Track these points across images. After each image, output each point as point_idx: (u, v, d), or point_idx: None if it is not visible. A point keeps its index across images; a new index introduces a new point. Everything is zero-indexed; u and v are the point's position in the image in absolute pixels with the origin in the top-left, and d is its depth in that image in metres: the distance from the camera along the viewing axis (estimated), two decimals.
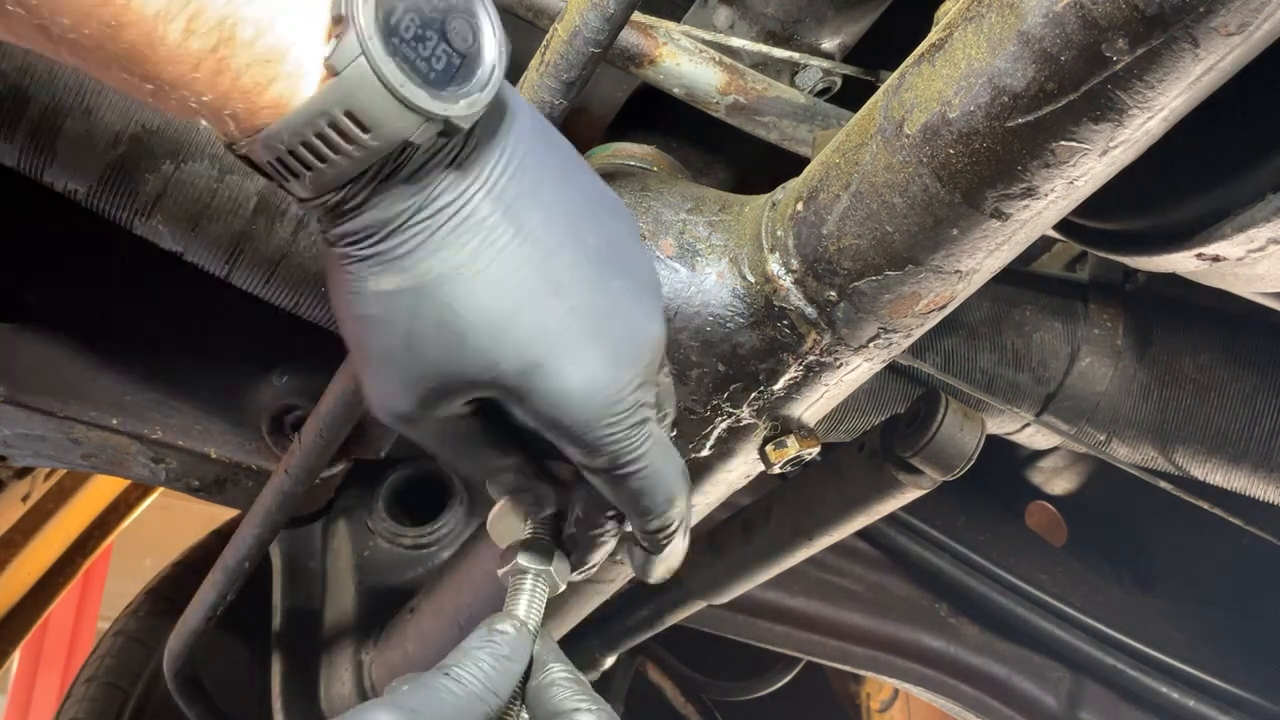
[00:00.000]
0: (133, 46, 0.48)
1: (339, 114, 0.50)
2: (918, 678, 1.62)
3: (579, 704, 0.58)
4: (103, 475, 2.05)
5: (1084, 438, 1.33)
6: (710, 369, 0.74)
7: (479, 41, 0.53)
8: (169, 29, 0.48)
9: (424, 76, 0.50)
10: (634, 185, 0.80)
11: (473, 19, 0.53)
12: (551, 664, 0.61)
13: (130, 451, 1.28)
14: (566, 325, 0.57)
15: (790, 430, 0.77)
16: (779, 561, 1.09)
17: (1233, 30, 0.50)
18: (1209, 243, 0.77)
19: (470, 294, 0.55)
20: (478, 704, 0.56)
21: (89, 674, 1.77)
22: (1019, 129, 0.56)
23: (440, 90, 0.51)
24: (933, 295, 0.67)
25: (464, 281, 0.55)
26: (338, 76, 0.49)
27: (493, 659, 0.58)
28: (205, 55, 0.49)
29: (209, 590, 1.13)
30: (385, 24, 0.49)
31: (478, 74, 0.53)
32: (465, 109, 0.52)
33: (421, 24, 0.51)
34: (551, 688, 0.59)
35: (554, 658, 0.62)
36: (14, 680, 4.52)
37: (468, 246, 0.55)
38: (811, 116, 0.90)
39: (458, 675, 0.56)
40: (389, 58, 0.49)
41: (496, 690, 0.57)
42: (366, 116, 0.50)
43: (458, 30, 0.52)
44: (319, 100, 0.50)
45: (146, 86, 0.50)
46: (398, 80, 0.49)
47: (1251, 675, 1.57)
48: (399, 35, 0.50)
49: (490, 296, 0.55)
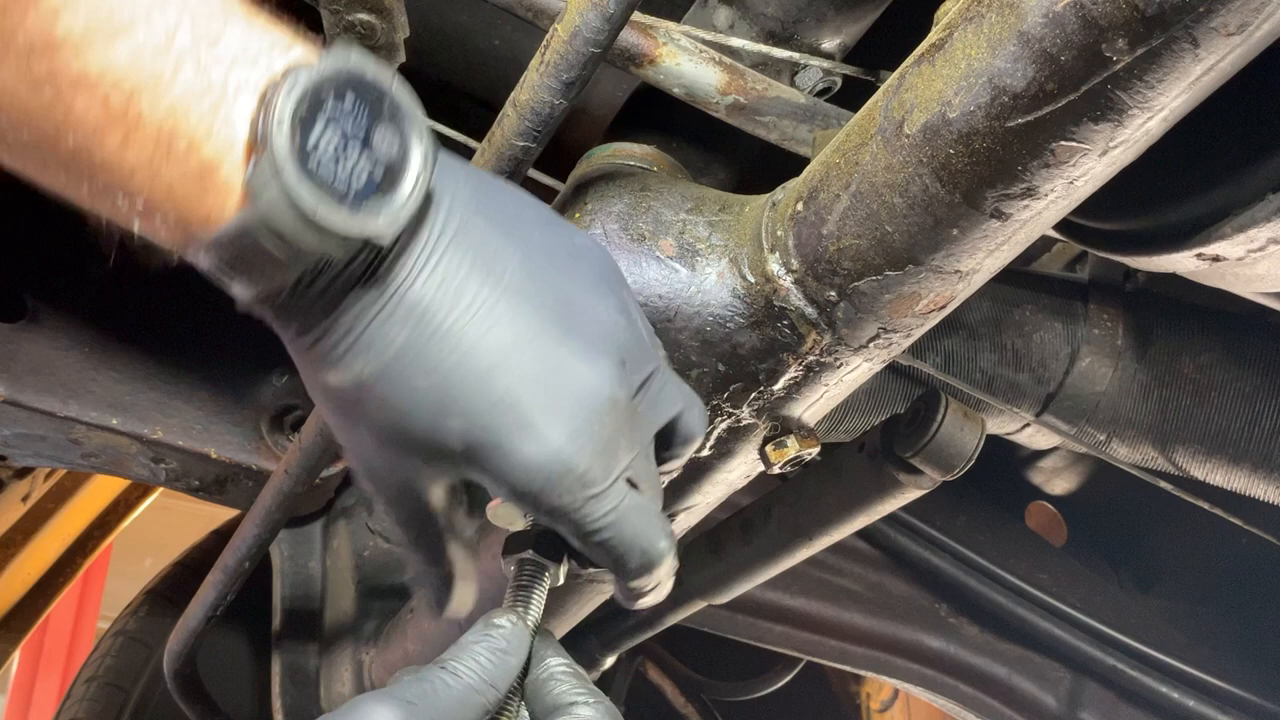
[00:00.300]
0: (73, 153, 0.50)
1: (258, 234, 0.51)
2: (918, 678, 1.62)
3: (577, 697, 0.58)
4: (103, 475, 2.05)
5: (1084, 438, 1.33)
6: (710, 369, 0.74)
7: (406, 148, 0.54)
8: (108, 138, 0.49)
9: (342, 195, 0.51)
10: (634, 185, 0.80)
11: (400, 125, 0.54)
12: (550, 658, 0.61)
13: (130, 451, 1.28)
14: (511, 401, 0.57)
15: (790, 430, 0.77)
16: (779, 561, 1.09)
17: (1233, 30, 0.50)
18: (1209, 243, 0.77)
19: (407, 387, 0.56)
20: (474, 696, 0.56)
21: (89, 674, 1.77)
22: (1019, 129, 0.56)
23: (360, 207, 0.52)
24: (933, 295, 0.67)
25: (399, 375, 0.56)
26: (255, 199, 0.51)
27: (490, 652, 0.58)
28: (142, 166, 0.50)
29: (209, 590, 1.13)
30: (302, 147, 0.50)
31: (401, 185, 0.53)
32: (386, 224, 0.53)
33: (343, 140, 0.52)
34: (550, 681, 0.60)
35: (553, 651, 0.62)
36: (14, 680, 4.52)
37: (397, 341, 0.56)
38: (811, 116, 0.90)
39: (454, 669, 0.56)
40: (303, 181, 0.50)
41: (494, 683, 0.57)
42: (284, 237, 0.51)
43: (383, 142, 0.53)
44: (240, 220, 0.51)
45: (84, 189, 0.52)
46: (311, 205, 0.50)
47: (1251, 675, 1.57)
48: (317, 154, 0.51)
49: (427, 384, 0.56)
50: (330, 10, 0.90)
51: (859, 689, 2.52)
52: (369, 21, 0.91)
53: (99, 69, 0.48)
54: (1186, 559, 1.72)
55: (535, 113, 0.69)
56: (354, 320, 0.56)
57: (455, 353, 0.56)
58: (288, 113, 0.50)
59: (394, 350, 0.56)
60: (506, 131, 0.71)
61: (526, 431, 0.57)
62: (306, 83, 0.51)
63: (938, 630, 1.62)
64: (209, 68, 0.50)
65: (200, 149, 0.50)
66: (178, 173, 0.51)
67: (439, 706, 0.54)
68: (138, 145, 0.50)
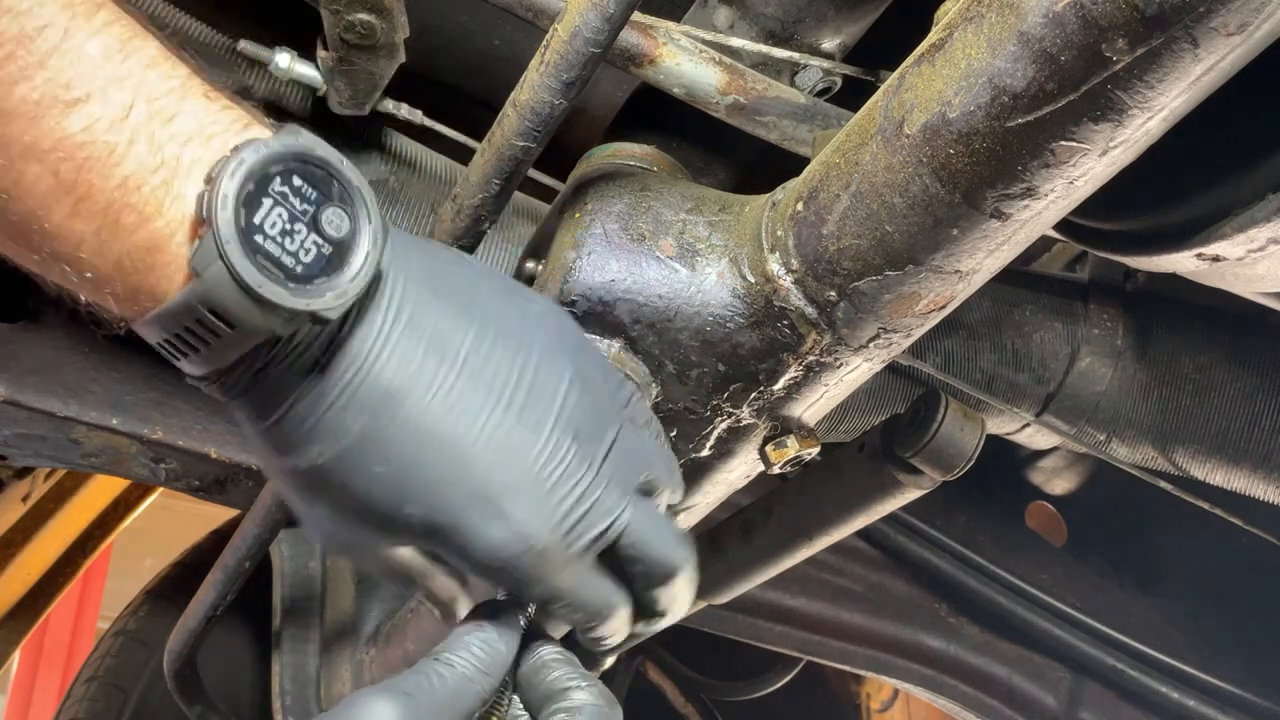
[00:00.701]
0: (21, 220, 0.50)
1: (203, 311, 0.51)
2: (918, 678, 1.62)
3: (570, 683, 0.59)
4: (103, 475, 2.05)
5: (1084, 438, 1.33)
6: (710, 369, 0.74)
7: (355, 227, 0.54)
8: (56, 209, 0.50)
9: (289, 272, 0.52)
10: (634, 185, 0.80)
11: (349, 208, 0.54)
12: (541, 646, 0.62)
13: (130, 451, 1.28)
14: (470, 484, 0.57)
15: (790, 430, 0.77)
16: (779, 561, 1.09)
17: (1233, 30, 0.50)
18: (1209, 243, 0.77)
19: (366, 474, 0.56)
20: (470, 685, 0.57)
21: (89, 674, 1.76)
22: (1019, 129, 0.56)
23: (307, 284, 0.52)
24: (933, 295, 0.67)
25: (357, 462, 0.56)
26: (199, 277, 0.51)
27: (481, 642, 0.59)
28: (89, 237, 0.50)
29: (209, 590, 1.13)
30: (248, 226, 0.51)
31: (350, 263, 0.54)
32: (333, 301, 0.53)
33: (290, 219, 0.52)
34: (542, 669, 0.61)
35: (543, 640, 0.63)
36: (14, 680, 4.52)
37: (354, 429, 0.56)
38: (811, 116, 0.90)
39: (448, 659, 0.57)
40: (246, 260, 0.50)
41: (488, 671, 0.58)
42: (229, 314, 0.51)
43: (331, 220, 0.53)
44: (184, 297, 0.51)
45: (33, 257, 0.52)
46: (255, 281, 0.50)
47: (1251, 675, 1.57)
48: (264, 232, 0.51)
49: (386, 471, 0.56)
50: (330, 10, 0.90)
51: (859, 689, 2.52)
52: (369, 21, 0.91)
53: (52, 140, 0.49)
54: (1186, 559, 1.72)
55: (535, 113, 0.69)
56: (310, 406, 0.56)
57: (413, 439, 0.56)
58: (232, 190, 0.50)
59: (352, 438, 0.56)
60: (506, 131, 0.71)
61: (486, 513, 0.58)
62: (253, 161, 0.51)
63: (938, 630, 1.62)
64: (163, 144, 0.51)
65: (149, 224, 0.51)
66: (126, 246, 0.51)
67: (436, 697, 0.55)
68: (86, 216, 0.50)
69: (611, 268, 0.75)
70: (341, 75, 0.99)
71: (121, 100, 0.50)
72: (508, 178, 0.73)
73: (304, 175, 0.53)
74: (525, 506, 0.58)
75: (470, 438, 0.57)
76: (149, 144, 0.51)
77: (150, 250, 0.51)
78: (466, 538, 0.58)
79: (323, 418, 0.56)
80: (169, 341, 0.54)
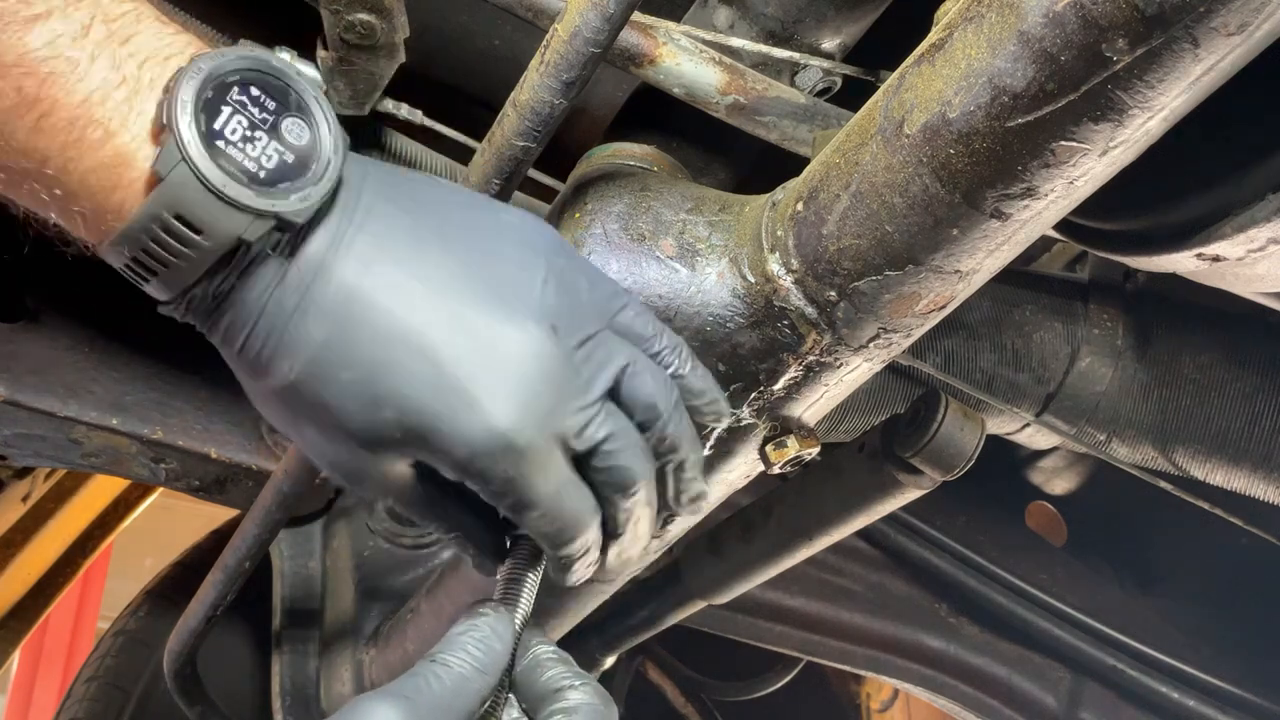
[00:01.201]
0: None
1: (169, 217, 0.52)
2: (918, 678, 1.62)
3: (565, 682, 0.59)
4: (103, 475, 2.05)
5: (1084, 438, 1.33)
6: (710, 369, 0.74)
7: (315, 136, 0.55)
8: (20, 123, 0.50)
9: (252, 176, 0.52)
10: (634, 185, 0.80)
11: (308, 116, 0.55)
12: (536, 645, 0.62)
13: (130, 451, 1.29)
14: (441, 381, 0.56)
15: (790, 430, 0.77)
16: (779, 561, 1.09)
17: (1233, 30, 0.50)
18: (1209, 243, 0.77)
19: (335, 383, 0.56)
20: (467, 684, 0.57)
21: (89, 674, 1.77)
22: (1019, 129, 0.56)
23: (271, 188, 0.53)
24: (933, 295, 0.67)
25: (324, 372, 0.56)
26: (163, 181, 0.51)
27: (476, 641, 0.59)
28: (55, 154, 0.51)
29: (209, 590, 1.13)
30: (207, 130, 0.52)
31: (312, 169, 0.54)
32: (297, 203, 0.53)
33: (250, 126, 0.53)
34: (537, 669, 0.61)
35: (538, 640, 0.63)
36: (14, 680, 4.52)
37: (318, 337, 0.55)
38: (811, 116, 0.90)
39: (445, 660, 0.57)
40: (209, 160, 0.51)
41: (484, 669, 0.58)
42: (195, 218, 0.52)
43: (291, 129, 0.54)
44: (149, 205, 0.52)
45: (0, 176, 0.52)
46: (220, 180, 0.51)
47: (1251, 675, 1.57)
48: (224, 138, 0.52)
49: (353, 377, 0.56)
50: (330, 10, 0.90)
51: (859, 689, 2.52)
52: (369, 21, 0.91)
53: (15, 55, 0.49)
54: (1186, 559, 1.72)
55: (535, 113, 0.69)
56: (273, 320, 0.55)
57: (379, 340, 0.56)
58: (190, 95, 0.51)
59: (315, 347, 0.56)
60: (506, 131, 0.71)
61: (458, 406, 0.57)
62: (210, 68, 0.52)
63: (938, 630, 1.62)
64: (123, 62, 0.52)
65: (114, 138, 0.51)
66: (91, 162, 0.51)
67: (435, 697, 0.55)
68: (50, 132, 0.50)
69: (611, 267, 0.75)
70: (341, 75, 0.99)
71: (80, 19, 0.51)
72: (508, 178, 0.74)
73: (261, 85, 0.54)
74: (499, 398, 0.57)
75: (437, 334, 0.56)
76: (110, 61, 0.51)
77: (116, 165, 0.52)
78: (445, 436, 0.57)
79: (286, 329, 0.55)
80: (136, 260, 0.53)
